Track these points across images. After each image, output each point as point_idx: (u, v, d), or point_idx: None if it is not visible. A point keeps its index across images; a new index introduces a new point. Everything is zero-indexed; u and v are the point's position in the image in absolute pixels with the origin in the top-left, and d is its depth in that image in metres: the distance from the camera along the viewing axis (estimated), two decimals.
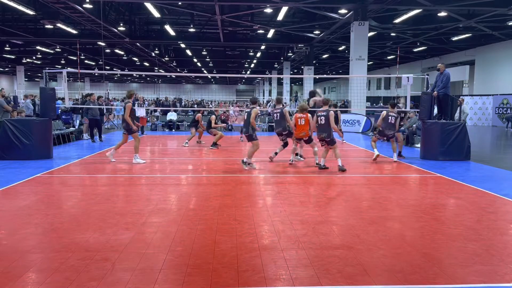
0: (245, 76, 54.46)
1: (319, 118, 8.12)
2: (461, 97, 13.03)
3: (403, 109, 11.65)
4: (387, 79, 39.36)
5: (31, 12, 16.86)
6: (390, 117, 9.06)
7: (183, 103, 30.60)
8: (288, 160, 8.85)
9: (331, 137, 8.12)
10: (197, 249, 3.77)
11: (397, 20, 18.41)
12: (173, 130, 18.30)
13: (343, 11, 16.76)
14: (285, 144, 9.06)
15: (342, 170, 7.78)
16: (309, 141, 8.62)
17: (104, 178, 7.25)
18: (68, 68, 11.59)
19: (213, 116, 11.97)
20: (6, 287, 2.98)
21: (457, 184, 6.85)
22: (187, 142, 12.11)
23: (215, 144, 11.58)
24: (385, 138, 9.47)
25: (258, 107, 9.25)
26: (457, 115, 11.81)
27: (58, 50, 30.52)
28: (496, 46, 23.94)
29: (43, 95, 9.43)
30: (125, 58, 35.45)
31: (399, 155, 9.67)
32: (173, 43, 27.18)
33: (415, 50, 28.40)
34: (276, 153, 9.10)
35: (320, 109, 8.39)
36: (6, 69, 44.70)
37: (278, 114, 8.77)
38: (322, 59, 35.12)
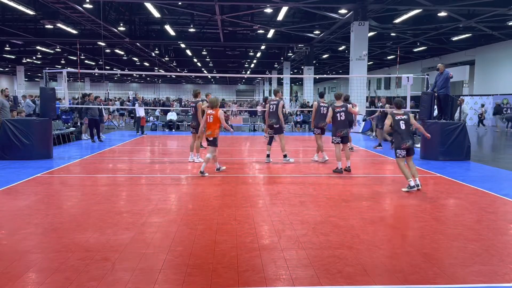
0: (245, 76, 54.46)
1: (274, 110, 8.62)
2: (460, 97, 13.01)
3: (386, 109, 11.80)
4: (387, 79, 39.35)
5: (31, 12, 16.86)
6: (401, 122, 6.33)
7: (183, 103, 30.59)
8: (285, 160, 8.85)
9: (279, 125, 8.62)
10: (197, 249, 3.77)
11: (397, 20, 18.40)
12: (173, 130, 18.30)
13: (343, 11, 16.75)
14: (270, 141, 8.97)
15: (287, 161, 8.75)
16: (212, 143, 7.36)
17: (104, 178, 7.25)
18: (68, 68, 11.60)
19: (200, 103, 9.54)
20: (6, 287, 2.98)
21: (457, 184, 6.85)
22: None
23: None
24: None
25: (283, 100, 9.16)
26: (457, 115, 11.81)
27: (58, 50, 30.51)
28: (496, 46, 23.93)
29: (43, 95, 9.43)
30: (125, 58, 35.44)
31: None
32: (173, 43, 27.17)
33: (415, 50, 28.39)
34: (268, 155, 8.99)
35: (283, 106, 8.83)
36: (6, 69, 44.68)
37: (274, 106, 8.66)
38: (322, 59, 35.11)
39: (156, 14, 18.17)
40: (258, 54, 32.24)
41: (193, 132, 9.00)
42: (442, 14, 17.17)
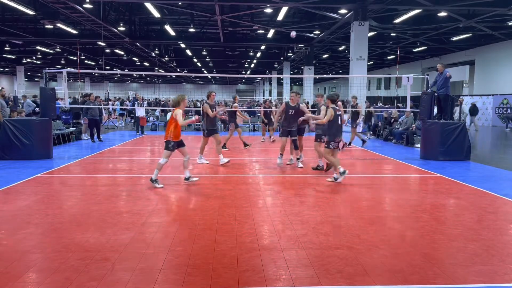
0: (245, 76, 54.44)
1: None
2: (460, 97, 12.98)
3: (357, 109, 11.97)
4: (387, 79, 39.34)
5: (31, 12, 16.86)
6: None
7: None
8: (286, 159, 8.85)
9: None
10: (197, 249, 3.77)
11: (397, 20, 18.40)
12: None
13: (343, 11, 16.75)
14: (295, 146, 8.47)
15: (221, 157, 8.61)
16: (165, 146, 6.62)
17: (104, 178, 7.25)
18: (68, 68, 11.60)
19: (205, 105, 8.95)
20: (6, 287, 2.98)
21: (457, 184, 6.85)
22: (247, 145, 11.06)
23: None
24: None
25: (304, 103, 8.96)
26: (456, 115, 11.78)
27: (58, 50, 30.50)
28: (496, 46, 23.93)
29: (43, 95, 9.43)
30: (125, 58, 35.44)
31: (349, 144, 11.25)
32: (173, 43, 27.17)
33: (415, 50, 28.39)
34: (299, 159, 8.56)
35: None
36: (6, 69, 44.67)
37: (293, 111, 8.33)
38: (322, 59, 35.10)
39: (156, 14, 18.17)
40: (258, 54, 32.23)
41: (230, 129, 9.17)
42: (442, 14, 17.17)
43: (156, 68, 42.02)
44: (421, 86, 16.93)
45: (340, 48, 28.38)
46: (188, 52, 30.96)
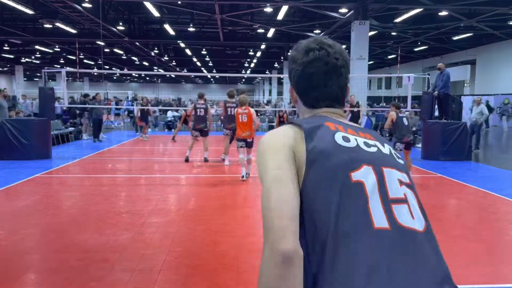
0: (245, 75, 54.42)
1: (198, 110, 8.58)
2: (477, 97, 12.73)
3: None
4: (388, 78, 39.33)
5: (30, 11, 16.81)
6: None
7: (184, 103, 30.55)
8: None
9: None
10: (196, 249, 3.74)
11: (398, 20, 18.37)
12: (173, 130, 18.26)
13: (343, 10, 16.72)
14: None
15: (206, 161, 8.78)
16: (251, 144, 7.13)
17: (103, 179, 7.22)
18: (67, 68, 11.56)
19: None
20: (6, 287, 2.96)
21: (458, 184, 6.82)
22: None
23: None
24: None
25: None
26: (473, 115, 11.37)
27: (57, 49, 30.44)
28: (497, 46, 23.91)
29: (42, 94, 9.40)
30: (124, 57, 35.39)
31: None
32: (172, 42, 27.11)
33: (416, 49, 28.36)
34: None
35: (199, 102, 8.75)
36: (5, 69, 44.63)
37: (203, 110, 8.54)
38: None
39: (156, 13, 18.13)
40: (258, 54, 32.19)
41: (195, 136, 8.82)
42: (443, 13, 17.14)
43: (156, 68, 41.99)
44: (422, 85, 16.91)
45: None
46: (188, 51, 30.92)
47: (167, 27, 21.05)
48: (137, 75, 57.41)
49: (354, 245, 0.78)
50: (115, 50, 31.49)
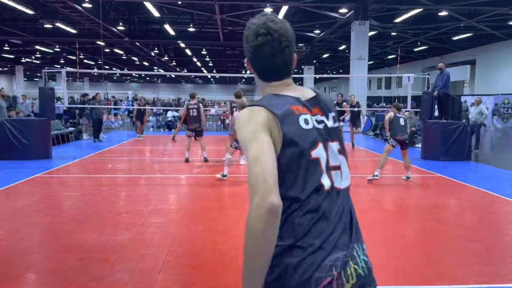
0: (245, 75, 54.44)
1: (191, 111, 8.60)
2: (477, 97, 12.75)
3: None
4: (388, 79, 39.33)
5: (30, 12, 16.81)
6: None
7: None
8: None
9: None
10: (196, 249, 3.75)
11: (398, 20, 18.37)
12: (173, 130, 18.27)
13: (343, 10, 16.72)
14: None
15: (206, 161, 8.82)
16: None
17: (103, 178, 7.23)
18: (67, 68, 11.56)
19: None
20: (6, 287, 2.96)
21: (458, 184, 6.83)
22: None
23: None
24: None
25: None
26: (473, 115, 11.37)
27: (57, 49, 30.44)
28: (497, 46, 23.91)
29: (42, 95, 9.41)
30: (124, 57, 35.40)
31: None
32: (172, 42, 27.11)
33: (416, 49, 28.36)
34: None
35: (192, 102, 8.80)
36: (5, 69, 44.62)
37: (196, 110, 8.62)
38: (322, 59, 35.06)
39: (156, 13, 18.14)
40: None
41: (190, 135, 8.81)
42: (443, 13, 17.14)
43: (156, 68, 41.98)
44: (422, 86, 16.91)
45: (341, 48, 28.34)
46: (188, 51, 30.92)
47: (167, 27, 21.05)
48: (137, 75, 57.41)
49: (313, 203, 1.14)
50: (115, 50, 31.49)
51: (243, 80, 65.79)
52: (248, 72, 38.42)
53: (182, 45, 27.79)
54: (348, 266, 1.15)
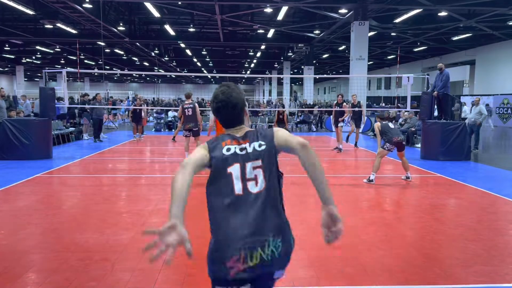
0: (245, 76, 54.42)
1: (186, 110, 8.51)
2: (476, 97, 12.77)
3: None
4: (388, 79, 39.33)
5: (30, 12, 16.83)
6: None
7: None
8: (285, 159, 8.83)
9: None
10: (197, 249, 3.75)
11: (398, 20, 18.38)
12: (173, 130, 18.27)
13: (343, 10, 16.73)
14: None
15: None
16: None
17: (103, 178, 7.24)
18: (68, 68, 11.56)
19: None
20: (6, 287, 2.97)
21: (458, 184, 6.84)
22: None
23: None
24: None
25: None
26: (472, 115, 11.37)
27: (57, 50, 30.47)
28: (497, 46, 23.92)
29: (43, 95, 9.42)
30: (124, 58, 35.41)
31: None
32: (173, 43, 27.14)
33: (416, 50, 28.37)
34: None
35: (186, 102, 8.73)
36: (6, 69, 44.65)
37: (191, 110, 8.53)
38: (322, 59, 35.07)
39: (156, 13, 18.15)
40: (258, 54, 32.21)
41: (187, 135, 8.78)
42: (443, 13, 17.15)
43: (156, 68, 41.99)
44: (422, 86, 16.91)
45: (340, 48, 28.36)
46: (188, 52, 30.93)
47: (167, 27, 21.07)
48: (137, 76, 57.43)
49: (226, 203, 1.68)
50: (116, 50, 31.51)
51: (243, 80, 65.81)
52: (248, 72, 38.23)
53: (182, 45, 27.81)
54: (255, 251, 1.60)
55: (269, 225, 1.63)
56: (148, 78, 60.35)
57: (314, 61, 29.86)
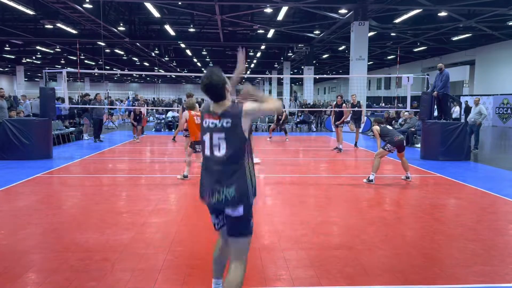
0: (245, 76, 54.40)
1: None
2: (476, 97, 12.79)
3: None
4: (387, 79, 39.33)
5: (30, 12, 16.84)
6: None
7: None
8: (285, 159, 8.85)
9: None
10: (197, 249, 3.76)
11: (397, 20, 18.39)
12: (173, 130, 18.27)
13: (343, 11, 16.74)
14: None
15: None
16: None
17: (104, 178, 7.24)
18: (68, 68, 11.57)
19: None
20: (6, 287, 2.97)
21: (457, 184, 6.84)
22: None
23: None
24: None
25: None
26: (472, 116, 11.39)
27: (58, 50, 30.47)
28: (496, 46, 23.93)
29: (43, 95, 9.42)
30: (125, 58, 35.42)
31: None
32: (173, 43, 27.14)
33: (415, 50, 28.37)
34: None
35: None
36: (6, 69, 44.65)
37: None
38: (322, 59, 35.07)
39: (156, 14, 18.15)
40: (258, 54, 32.22)
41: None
42: (442, 14, 17.16)
43: (156, 68, 42.00)
44: (421, 86, 16.92)
45: (340, 48, 28.36)
46: (188, 52, 30.94)
47: (167, 27, 21.07)
48: (137, 76, 57.42)
49: (203, 160, 2.48)
50: (116, 50, 31.52)
51: (243, 80, 65.61)
52: (248, 72, 38.12)
53: (183, 45, 27.82)
54: (215, 193, 2.36)
55: (226, 178, 2.33)
56: (148, 78, 60.35)
57: (314, 61, 29.86)
